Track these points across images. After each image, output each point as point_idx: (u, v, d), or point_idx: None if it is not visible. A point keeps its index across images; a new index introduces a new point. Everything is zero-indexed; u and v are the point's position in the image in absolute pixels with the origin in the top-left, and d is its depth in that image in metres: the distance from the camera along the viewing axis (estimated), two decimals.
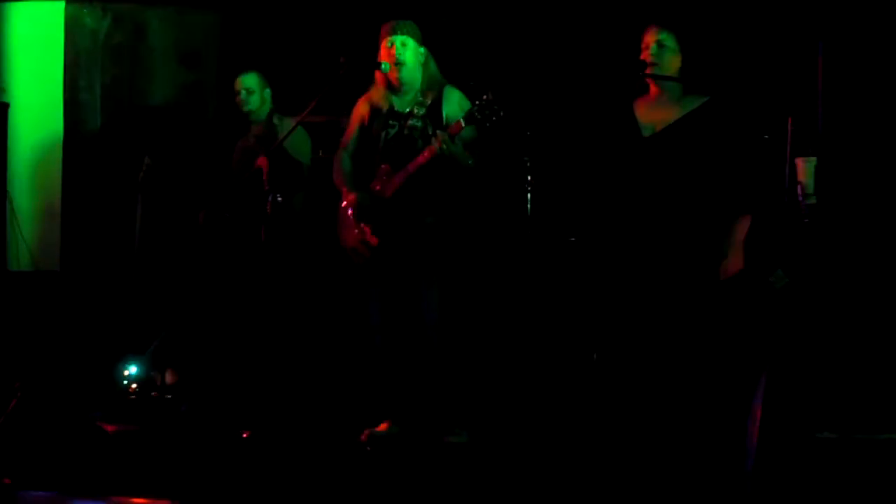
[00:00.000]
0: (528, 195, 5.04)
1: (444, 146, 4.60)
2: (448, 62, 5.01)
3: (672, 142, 4.45)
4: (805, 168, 4.78)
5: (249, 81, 5.79)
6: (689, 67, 4.48)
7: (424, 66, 4.85)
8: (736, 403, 4.28)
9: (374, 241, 4.80)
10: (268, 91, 5.82)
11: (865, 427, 4.34)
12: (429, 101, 4.81)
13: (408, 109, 4.83)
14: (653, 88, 4.55)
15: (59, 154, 6.65)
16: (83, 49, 6.70)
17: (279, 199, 5.09)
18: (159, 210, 6.27)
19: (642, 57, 4.47)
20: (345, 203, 4.89)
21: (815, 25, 5.22)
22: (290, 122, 5.51)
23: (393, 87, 4.87)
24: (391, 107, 4.88)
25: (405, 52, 4.80)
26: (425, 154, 4.66)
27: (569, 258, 5.40)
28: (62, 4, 6.68)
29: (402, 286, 4.84)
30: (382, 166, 4.81)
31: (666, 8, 4.88)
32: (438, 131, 4.66)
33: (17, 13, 6.72)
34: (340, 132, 5.18)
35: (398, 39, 4.79)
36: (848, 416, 4.37)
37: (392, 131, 4.83)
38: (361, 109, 4.98)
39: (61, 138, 6.66)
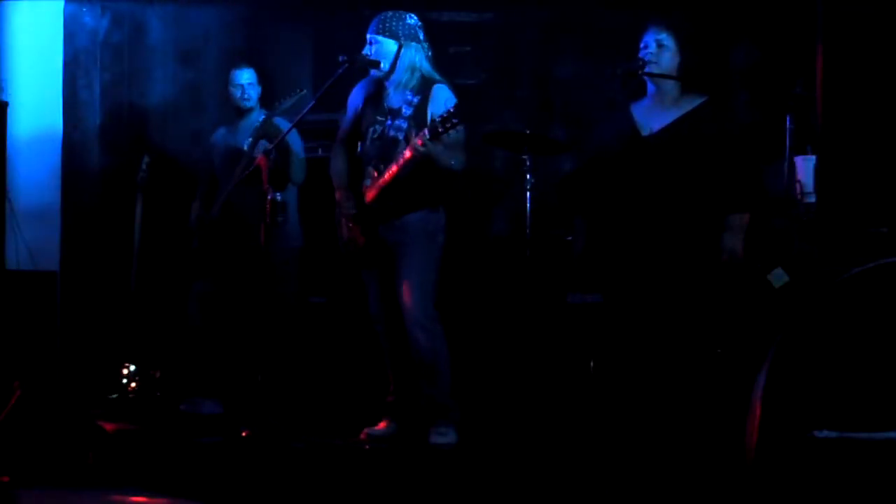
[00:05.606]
0: (528, 195, 5.03)
1: (423, 148, 4.48)
2: (446, 57, 4.96)
3: (670, 141, 4.46)
4: (804, 167, 4.78)
5: (248, 76, 5.78)
6: (688, 67, 4.50)
7: (413, 62, 4.72)
8: (735, 401, 4.27)
9: (361, 240, 4.79)
10: (259, 88, 5.81)
11: (865, 427, 4.34)
12: (417, 101, 4.67)
13: (397, 107, 4.72)
14: (651, 88, 4.56)
15: (58, 153, 6.65)
16: (82, 48, 6.69)
17: (279, 198, 5.08)
18: (159, 210, 6.26)
19: (641, 56, 4.48)
20: (336, 198, 4.89)
21: (814, 25, 5.23)
22: (283, 120, 5.52)
23: (384, 82, 4.78)
24: (382, 102, 4.79)
25: (381, 50, 4.69)
26: (405, 155, 4.56)
27: (567, 258, 5.41)
28: (61, 3, 6.68)
29: (393, 275, 4.80)
30: (371, 169, 4.75)
31: (665, 7, 4.89)
32: (416, 133, 4.53)
33: (16, 11, 6.71)
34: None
35: (373, 38, 4.70)
36: (848, 416, 4.37)
37: (378, 129, 4.75)
38: (357, 99, 4.91)
39: (60, 137, 6.65)
